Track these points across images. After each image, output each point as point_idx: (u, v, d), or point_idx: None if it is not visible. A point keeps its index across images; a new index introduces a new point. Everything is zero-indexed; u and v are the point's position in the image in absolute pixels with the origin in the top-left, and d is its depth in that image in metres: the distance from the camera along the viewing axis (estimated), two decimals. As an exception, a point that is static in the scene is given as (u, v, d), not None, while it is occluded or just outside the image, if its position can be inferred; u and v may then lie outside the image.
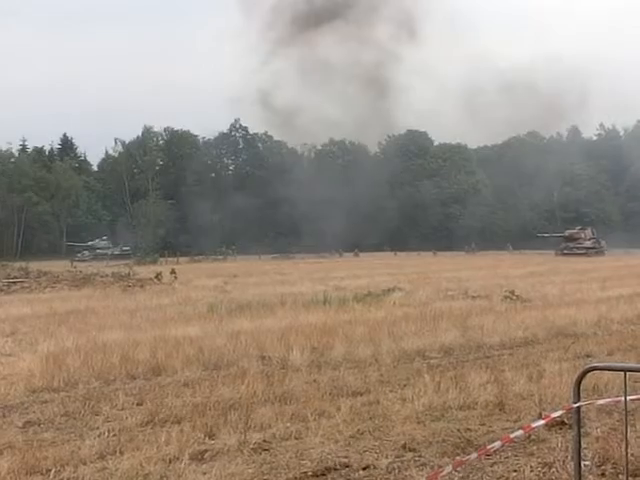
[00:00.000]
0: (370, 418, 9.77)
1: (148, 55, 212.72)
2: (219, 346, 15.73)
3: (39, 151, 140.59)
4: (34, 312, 25.21)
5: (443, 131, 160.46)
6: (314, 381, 12.43)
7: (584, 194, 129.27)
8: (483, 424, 9.43)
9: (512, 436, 6.21)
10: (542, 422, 6.94)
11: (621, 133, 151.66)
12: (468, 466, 7.27)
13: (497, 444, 5.92)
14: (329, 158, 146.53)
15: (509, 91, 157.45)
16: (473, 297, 27.36)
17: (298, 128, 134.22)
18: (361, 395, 11.35)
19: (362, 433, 9.08)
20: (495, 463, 7.82)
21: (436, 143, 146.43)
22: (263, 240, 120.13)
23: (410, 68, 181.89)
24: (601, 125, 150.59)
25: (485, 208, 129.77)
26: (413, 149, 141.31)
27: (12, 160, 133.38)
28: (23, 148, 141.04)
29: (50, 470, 7.85)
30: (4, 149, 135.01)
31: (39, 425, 10.03)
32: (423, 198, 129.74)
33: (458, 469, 6.89)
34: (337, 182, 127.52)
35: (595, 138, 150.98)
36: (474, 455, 5.92)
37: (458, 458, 7.14)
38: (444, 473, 5.82)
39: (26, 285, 39.29)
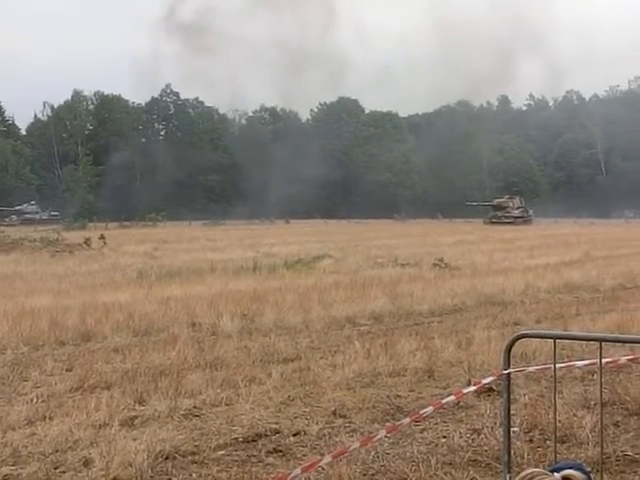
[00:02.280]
0: (301, 385, 9.80)
1: (79, 19, 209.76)
2: (149, 312, 15.65)
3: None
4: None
5: (374, 98, 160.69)
6: (245, 347, 12.43)
7: (513, 163, 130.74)
8: (412, 390, 9.52)
9: (444, 401, 6.27)
10: (473, 388, 7.03)
11: (550, 104, 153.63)
12: (398, 433, 7.33)
13: (429, 409, 5.97)
14: (260, 124, 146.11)
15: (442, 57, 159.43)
16: (402, 265, 27.56)
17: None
18: (292, 362, 11.39)
19: (292, 399, 9.11)
20: (424, 429, 7.90)
21: (367, 111, 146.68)
22: (193, 206, 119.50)
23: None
24: (530, 95, 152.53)
25: (415, 176, 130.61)
26: (344, 117, 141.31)
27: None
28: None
29: (-23, 436, 7.75)
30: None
31: (-35, 391, 9.89)
32: (354, 166, 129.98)
33: (388, 435, 6.94)
34: (268, 149, 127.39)
35: (525, 108, 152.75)
36: (407, 420, 5.97)
37: (389, 424, 7.19)
38: (377, 438, 5.86)
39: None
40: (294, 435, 7.78)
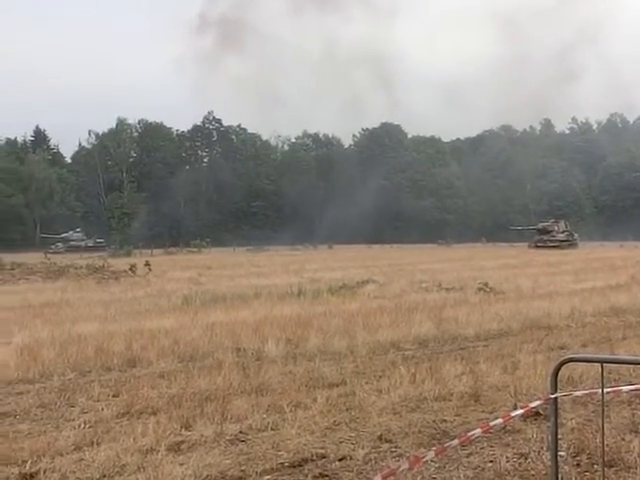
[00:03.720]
0: (346, 409, 9.78)
1: (119, 47, 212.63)
2: (194, 338, 15.73)
3: (11, 143, 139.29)
4: (8, 304, 25.10)
5: (416, 124, 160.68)
6: (290, 372, 12.43)
7: (557, 187, 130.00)
8: (458, 415, 9.46)
9: (492, 424, 6.23)
10: (521, 411, 6.96)
11: (594, 127, 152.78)
12: (445, 456, 7.29)
13: (477, 431, 5.93)
14: (303, 150, 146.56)
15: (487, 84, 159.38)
16: (447, 289, 27.41)
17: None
18: (337, 386, 11.36)
19: (338, 424, 9.09)
20: (471, 454, 7.85)
21: (410, 136, 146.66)
22: (237, 233, 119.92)
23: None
24: (573, 119, 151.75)
25: (459, 201, 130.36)
26: (387, 142, 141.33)
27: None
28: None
29: (26, 461, 7.80)
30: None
31: (15, 417, 9.99)
32: (398, 191, 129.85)
33: (435, 459, 6.91)
34: (311, 175, 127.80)
35: (568, 132, 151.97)
36: (455, 442, 5.93)
37: (438, 446, 7.17)
38: (426, 459, 5.83)
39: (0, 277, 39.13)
40: (340, 460, 7.76)
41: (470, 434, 6.00)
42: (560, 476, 5.70)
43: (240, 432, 8.77)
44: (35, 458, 7.92)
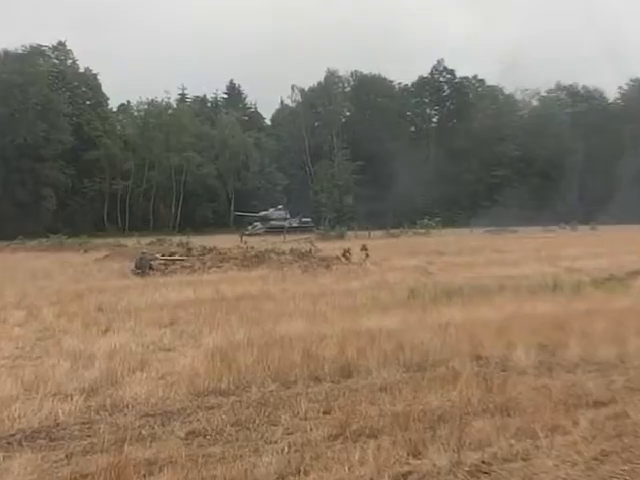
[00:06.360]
0: (617, 435, 9.52)
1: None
2: (423, 341, 15.68)
3: (201, 101, 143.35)
4: (197, 297, 25.87)
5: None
6: (544, 387, 12.20)
7: None
8: None
9: None
10: None
11: None
12: None
13: None
14: (556, 106, 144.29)
15: None
16: None
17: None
18: (604, 406, 11.08)
19: (607, 454, 8.86)
20: None
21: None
22: (474, 209, 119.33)
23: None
24: None
25: None
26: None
27: (170, 112, 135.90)
28: (182, 98, 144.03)
29: (220, 492, 7.97)
30: (160, 99, 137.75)
31: (205, 436, 10.16)
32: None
33: None
34: (566, 137, 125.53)
35: None
36: None
37: None
38: None
39: (187, 264, 40.34)
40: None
41: None
42: None
43: (482, 462, 8.65)
44: (229, 488, 8.07)
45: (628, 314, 18.93)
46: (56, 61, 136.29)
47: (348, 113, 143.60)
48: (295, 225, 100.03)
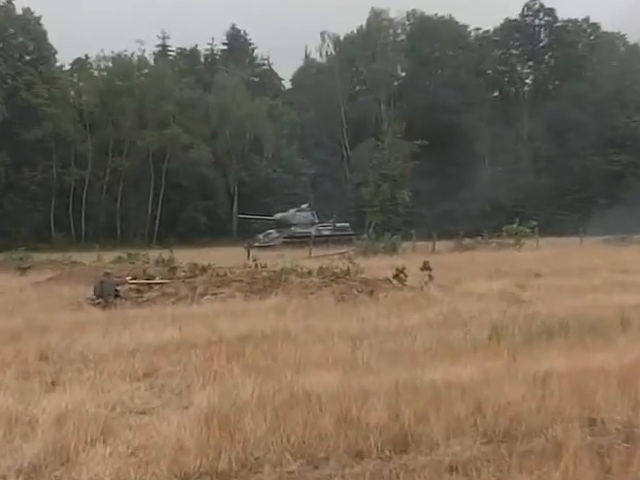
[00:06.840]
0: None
1: None
2: (512, 401, 15.63)
3: (190, 55, 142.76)
4: (184, 338, 25.83)
5: None
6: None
7: None
8: None
9: None
10: None
11: None
12: None
13: None
14: None
15: None
16: None
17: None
18: None
19: None
20: None
21: None
22: (585, 209, 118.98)
23: None
24: None
25: None
26: None
27: (145, 72, 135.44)
28: (163, 51, 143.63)
29: None
30: (130, 53, 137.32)
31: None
32: None
33: None
34: None
35: None
36: None
37: None
38: None
39: (170, 290, 40.15)
40: None
41: None
42: None
43: None
44: None
45: None
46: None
47: (403, 73, 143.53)
48: (326, 233, 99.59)
